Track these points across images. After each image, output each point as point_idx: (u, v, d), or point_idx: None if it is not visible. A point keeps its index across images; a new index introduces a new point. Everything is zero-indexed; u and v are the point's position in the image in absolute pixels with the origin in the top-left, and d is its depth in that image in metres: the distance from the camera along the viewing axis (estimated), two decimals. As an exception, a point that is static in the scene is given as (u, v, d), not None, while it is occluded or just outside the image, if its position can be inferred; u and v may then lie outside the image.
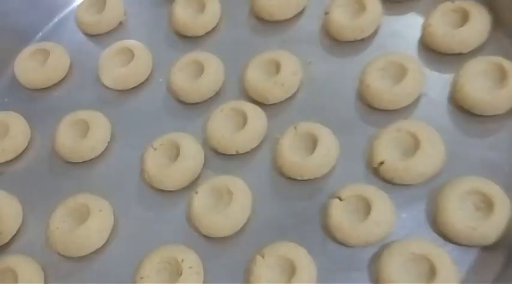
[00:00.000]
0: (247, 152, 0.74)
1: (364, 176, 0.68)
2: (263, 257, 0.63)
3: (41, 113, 0.88)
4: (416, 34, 0.77)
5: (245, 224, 0.68)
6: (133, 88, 0.86)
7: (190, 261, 0.65)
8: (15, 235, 0.75)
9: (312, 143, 0.70)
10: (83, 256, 0.71)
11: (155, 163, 0.74)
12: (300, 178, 0.70)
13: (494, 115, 0.68)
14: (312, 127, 0.71)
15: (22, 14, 0.97)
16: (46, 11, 1.00)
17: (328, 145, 0.69)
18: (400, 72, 0.71)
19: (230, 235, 0.68)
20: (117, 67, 0.87)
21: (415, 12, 0.80)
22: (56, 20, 1.00)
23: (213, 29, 0.89)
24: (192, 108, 0.81)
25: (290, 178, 0.70)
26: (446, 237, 0.61)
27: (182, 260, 0.65)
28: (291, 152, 0.70)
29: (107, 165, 0.80)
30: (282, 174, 0.71)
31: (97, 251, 0.71)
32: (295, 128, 0.71)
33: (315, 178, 0.69)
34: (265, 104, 0.77)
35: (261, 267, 0.62)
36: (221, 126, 0.75)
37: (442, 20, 0.74)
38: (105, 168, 0.79)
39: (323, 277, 0.62)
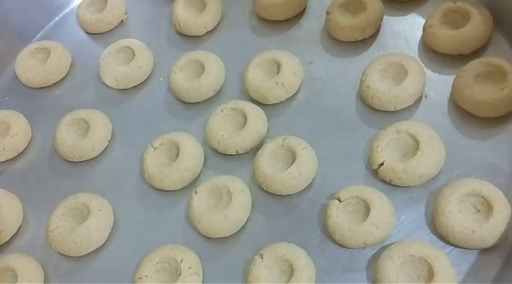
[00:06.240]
0: (247, 152, 0.74)
1: (363, 177, 0.68)
2: (262, 258, 0.63)
3: (41, 112, 0.88)
4: (417, 35, 0.77)
5: (244, 225, 0.68)
6: (134, 87, 0.86)
7: (190, 261, 0.66)
8: (15, 234, 0.76)
9: (292, 159, 0.69)
10: (83, 256, 0.71)
11: (155, 163, 0.74)
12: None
13: (494, 117, 0.67)
14: (297, 144, 0.69)
15: (23, 13, 0.97)
16: (47, 9, 1.00)
17: (303, 165, 0.68)
18: (400, 73, 0.71)
19: (229, 235, 0.68)
20: (117, 66, 0.86)
21: (416, 12, 0.80)
22: (56, 18, 1.00)
23: (214, 29, 0.89)
24: (192, 108, 0.81)
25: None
26: (445, 239, 0.61)
27: (181, 261, 0.65)
28: (268, 164, 0.69)
29: (107, 164, 0.80)
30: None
31: (97, 251, 0.72)
32: (283, 140, 0.71)
33: (314, 180, 0.69)
34: (265, 104, 0.77)
35: (260, 267, 0.63)
36: (221, 126, 0.75)
37: (443, 20, 0.74)
38: (105, 167, 0.79)
39: (322, 277, 0.63)
